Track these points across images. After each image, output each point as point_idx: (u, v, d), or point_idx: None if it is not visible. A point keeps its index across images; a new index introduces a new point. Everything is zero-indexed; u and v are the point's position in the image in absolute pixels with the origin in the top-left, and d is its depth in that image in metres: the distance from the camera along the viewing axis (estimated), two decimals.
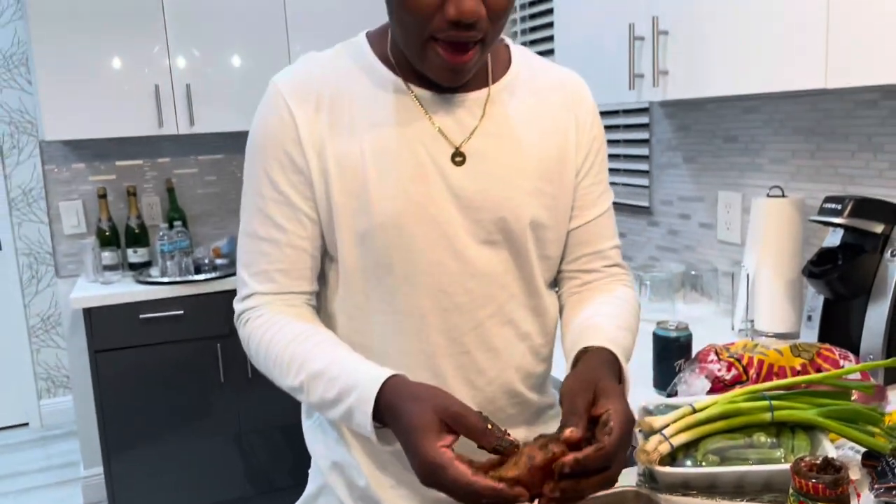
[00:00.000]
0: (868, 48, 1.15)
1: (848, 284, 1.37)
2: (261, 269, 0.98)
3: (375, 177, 0.93)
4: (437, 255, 0.96)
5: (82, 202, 3.06)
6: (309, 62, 0.99)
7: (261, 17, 2.84)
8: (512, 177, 0.97)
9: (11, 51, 3.41)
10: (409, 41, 0.89)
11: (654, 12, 1.61)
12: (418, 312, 0.97)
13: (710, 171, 2.03)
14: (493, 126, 0.97)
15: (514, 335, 1.03)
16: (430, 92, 0.95)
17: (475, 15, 0.83)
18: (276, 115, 0.95)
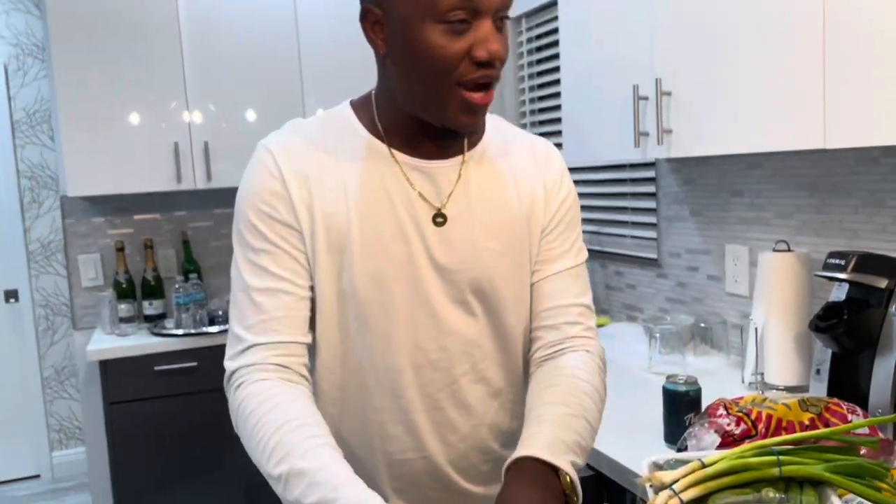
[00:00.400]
0: (865, 109, 1.19)
1: (854, 339, 1.39)
2: (257, 320, 0.96)
3: (358, 236, 0.97)
4: (414, 314, 1.00)
5: (100, 255, 3.12)
6: (296, 128, 1.04)
7: (277, 73, 2.94)
8: (484, 239, 1.02)
9: (35, 108, 3.52)
10: (434, 92, 0.93)
11: (658, 74, 1.66)
12: (395, 368, 1.01)
13: (717, 224, 2.07)
14: (468, 190, 1.02)
15: (486, 392, 1.06)
16: (412, 158, 1.01)
17: (501, 54, 0.91)
18: (266, 173, 0.98)
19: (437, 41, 0.90)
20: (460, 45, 0.90)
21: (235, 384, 0.95)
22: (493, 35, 0.91)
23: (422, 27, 0.90)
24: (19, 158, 3.51)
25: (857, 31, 1.19)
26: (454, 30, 0.89)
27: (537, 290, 1.07)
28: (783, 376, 1.68)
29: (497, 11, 0.91)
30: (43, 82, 3.52)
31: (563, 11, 2.07)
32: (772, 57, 1.36)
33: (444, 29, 0.89)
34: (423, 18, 0.89)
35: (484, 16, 0.90)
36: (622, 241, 2.55)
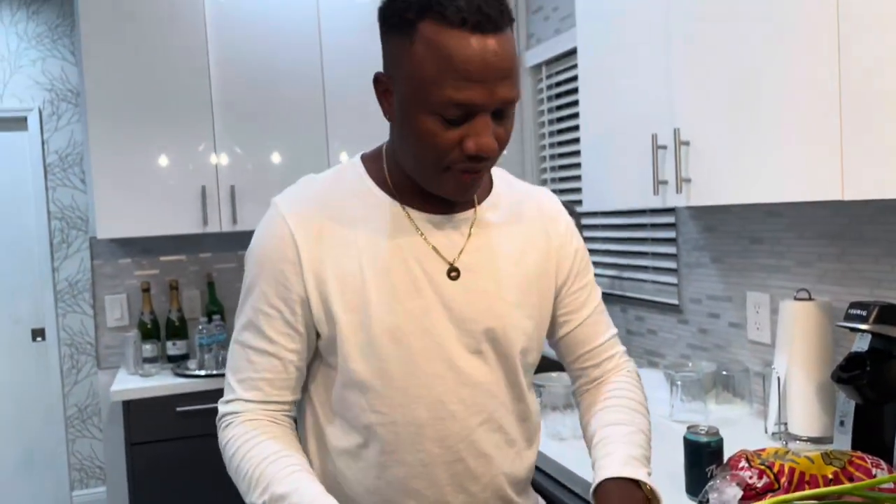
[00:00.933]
0: (881, 162, 1.20)
1: (877, 390, 1.38)
2: (247, 376, 1.02)
3: (374, 293, 0.99)
4: (434, 366, 1.01)
5: (126, 295, 3.17)
6: (309, 185, 1.06)
7: (302, 118, 3.00)
8: (498, 289, 1.05)
9: (67, 151, 3.62)
10: (425, 170, 0.96)
11: (676, 124, 1.69)
12: (416, 423, 1.02)
13: (738, 271, 2.07)
14: (480, 243, 1.05)
15: (503, 441, 1.08)
16: (423, 213, 1.03)
17: (492, 149, 0.93)
18: (278, 235, 1.01)
19: (431, 128, 0.91)
20: (453, 135, 0.92)
21: (223, 425, 1.04)
22: (486, 129, 0.91)
23: (418, 112, 0.92)
24: (51, 200, 3.60)
25: (873, 85, 1.21)
26: (448, 121, 0.91)
27: (572, 338, 1.16)
28: (807, 427, 1.66)
29: (497, 108, 0.92)
30: (76, 126, 3.62)
31: (583, 60, 2.11)
32: (789, 108, 1.38)
33: (438, 119, 0.91)
34: (420, 106, 0.91)
35: (480, 112, 0.91)
36: (643, 286, 2.55)
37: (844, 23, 1.25)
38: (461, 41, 0.87)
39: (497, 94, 0.90)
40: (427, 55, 0.88)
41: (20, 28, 3.53)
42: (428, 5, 0.88)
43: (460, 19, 0.87)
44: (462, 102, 0.89)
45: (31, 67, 3.56)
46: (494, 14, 0.88)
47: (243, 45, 2.91)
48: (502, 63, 0.89)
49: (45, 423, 3.70)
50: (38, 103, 3.57)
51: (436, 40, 0.88)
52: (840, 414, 1.51)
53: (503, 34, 0.90)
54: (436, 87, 0.88)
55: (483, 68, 0.88)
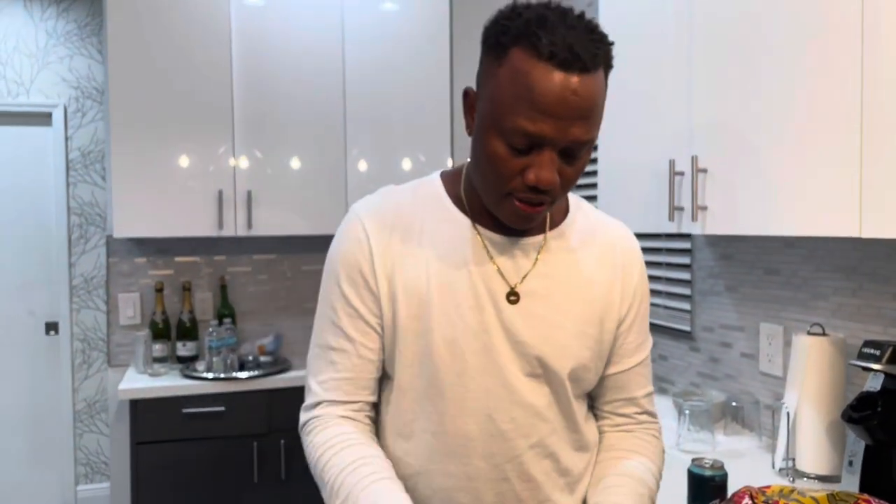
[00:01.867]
0: None
1: (888, 432, 1.35)
2: (329, 377, 1.05)
3: (437, 304, 1.01)
4: (487, 382, 1.02)
5: (140, 294, 3.19)
6: (388, 195, 1.09)
7: (322, 124, 3.02)
8: (558, 318, 1.04)
9: (90, 148, 3.66)
10: (488, 191, 0.98)
11: (694, 151, 1.67)
12: (464, 435, 1.03)
13: (752, 301, 2.04)
14: (546, 269, 1.05)
15: (553, 469, 1.08)
16: (494, 234, 1.04)
17: (551, 184, 0.92)
18: (355, 239, 1.05)
19: (499, 152, 0.93)
20: (518, 163, 0.93)
21: (307, 432, 1.06)
22: (549, 164, 0.91)
23: (490, 133, 0.93)
24: (71, 195, 3.64)
25: (894, 124, 1.19)
26: (515, 149, 0.92)
27: (614, 381, 1.14)
28: (815, 465, 1.63)
29: (567, 147, 0.92)
30: (99, 124, 3.66)
31: None
32: (810, 142, 1.37)
33: (506, 144, 0.92)
34: (492, 127, 0.93)
35: (548, 146, 0.91)
36: (656, 310, 2.53)
37: (869, 59, 1.24)
38: (544, 74, 0.88)
39: (568, 133, 0.90)
40: (510, 80, 0.90)
41: (49, 25, 3.58)
42: (524, 34, 0.89)
43: (549, 53, 0.88)
44: (531, 133, 0.90)
45: (58, 64, 3.61)
46: (585, 55, 0.88)
47: (267, 50, 2.93)
48: (580, 103, 0.89)
49: (53, 417, 3.73)
50: (63, 100, 3.61)
51: (521, 68, 0.89)
52: (849, 453, 1.48)
53: (590, 76, 0.89)
54: (510, 112, 0.90)
55: (558, 104, 0.88)
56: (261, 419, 2.78)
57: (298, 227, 2.99)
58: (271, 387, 2.80)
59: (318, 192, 3.00)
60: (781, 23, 1.43)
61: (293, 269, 3.37)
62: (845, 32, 1.28)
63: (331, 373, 1.05)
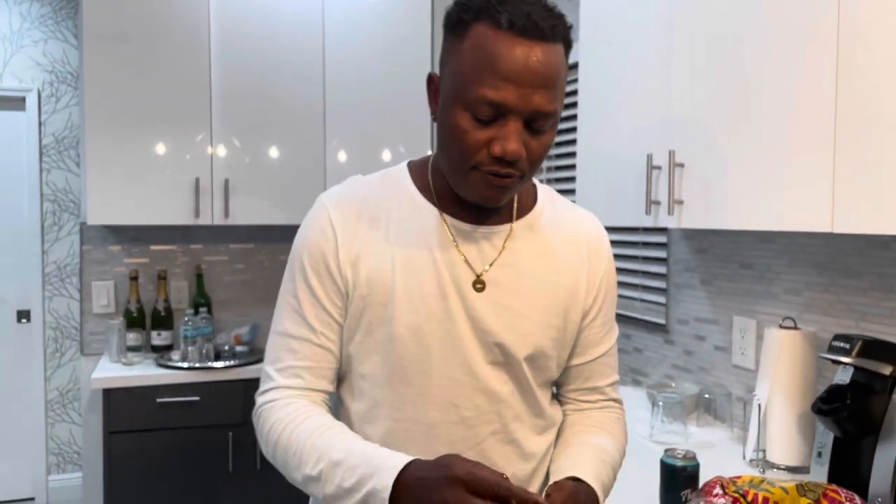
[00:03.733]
0: (872, 198, 1.20)
1: (857, 424, 1.38)
2: (288, 364, 1.04)
3: (402, 291, 1.01)
4: (451, 370, 1.03)
5: (114, 283, 3.16)
6: (355, 185, 1.10)
7: (302, 112, 3.00)
8: (522, 307, 1.04)
9: (64, 134, 3.60)
10: (454, 168, 0.98)
11: (671, 146, 1.69)
12: (427, 422, 1.03)
13: (726, 294, 2.07)
14: (511, 259, 1.05)
15: (516, 454, 1.08)
16: (460, 222, 1.04)
17: (517, 155, 0.93)
18: (321, 229, 1.04)
19: (463, 125, 0.93)
20: (483, 134, 0.93)
21: (262, 414, 1.04)
22: (515, 135, 0.92)
23: (454, 108, 0.94)
24: (44, 182, 3.58)
25: (867, 121, 1.21)
26: (480, 120, 0.93)
27: (580, 371, 1.15)
28: (785, 456, 1.66)
29: (530, 115, 0.92)
30: (74, 109, 3.61)
31: (583, 77, 2.11)
32: (784, 139, 1.38)
33: (471, 116, 0.93)
34: (457, 101, 0.94)
35: (512, 116, 0.92)
36: (631, 303, 2.55)
37: (843, 56, 1.25)
38: (506, 42, 0.90)
39: (532, 101, 0.91)
40: (472, 52, 0.92)
41: (24, 8, 3.52)
42: (484, 9, 0.92)
43: (509, 22, 0.90)
44: (494, 101, 0.90)
45: (32, 48, 3.54)
46: (544, 25, 0.91)
47: (246, 38, 2.91)
48: (541, 70, 0.91)
49: (24, 406, 3.68)
50: (37, 84, 3.55)
51: (483, 40, 0.92)
52: (818, 445, 1.51)
53: (550, 45, 0.92)
54: (474, 82, 0.91)
55: (520, 71, 0.90)
56: (236, 409, 2.77)
57: (276, 217, 2.97)
58: (247, 377, 2.78)
59: (296, 181, 2.98)
60: (758, 20, 1.45)
61: (270, 258, 3.35)
62: (821, 30, 1.30)
63: (290, 360, 1.04)
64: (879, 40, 1.19)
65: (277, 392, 1.04)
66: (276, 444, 1.00)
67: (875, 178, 1.20)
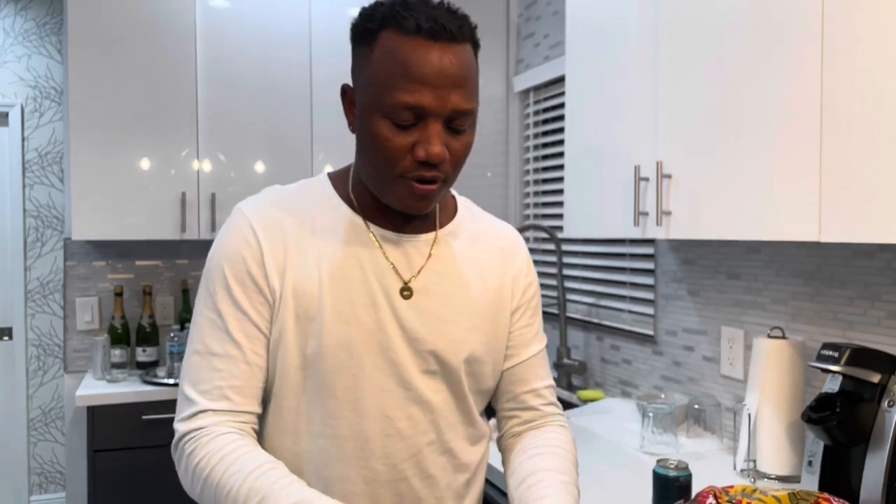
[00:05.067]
0: (859, 206, 1.21)
1: (847, 432, 1.38)
2: (213, 385, 0.97)
3: (330, 302, 0.99)
4: (383, 381, 1.01)
5: (98, 298, 3.12)
6: (274, 194, 1.07)
7: (288, 127, 2.99)
8: (451, 313, 1.05)
9: (47, 149, 3.57)
10: (379, 178, 0.98)
11: (659, 157, 1.70)
12: (361, 437, 1.01)
13: (714, 305, 2.08)
14: (438, 266, 1.06)
15: (451, 465, 1.08)
16: (385, 230, 1.04)
17: (441, 157, 0.94)
18: (242, 237, 1.01)
19: (383, 133, 0.93)
20: (405, 140, 0.93)
21: (189, 447, 0.95)
22: (436, 137, 0.93)
23: (373, 117, 0.94)
24: (27, 197, 3.55)
25: (854, 130, 1.22)
26: (400, 126, 0.93)
27: (513, 374, 1.15)
28: (776, 465, 1.66)
29: (449, 116, 0.93)
30: (58, 125, 3.58)
31: (570, 88, 2.12)
32: (771, 149, 1.40)
33: (390, 123, 0.93)
34: (374, 109, 0.94)
35: (431, 118, 0.93)
36: (619, 315, 2.56)
37: (829, 68, 1.27)
38: (415, 46, 0.91)
39: (449, 102, 0.92)
40: (383, 60, 0.93)
41: (7, 23, 3.50)
42: (389, 16, 0.93)
43: (416, 27, 0.91)
44: (411, 105, 0.91)
45: (15, 63, 3.52)
46: (451, 27, 0.92)
47: (233, 53, 2.90)
48: (454, 70, 0.92)
49: (6, 425, 3.62)
50: (20, 99, 3.53)
51: (393, 46, 0.92)
52: (809, 454, 1.51)
53: (459, 45, 0.93)
54: (389, 89, 0.92)
55: (434, 73, 0.91)
56: None
57: None
58: None
59: None
60: (744, 31, 1.46)
61: None
62: (806, 42, 1.32)
63: (215, 380, 0.96)
64: (864, 49, 1.21)
65: (204, 418, 0.95)
66: (205, 481, 0.92)
67: (862, 186, 1.21)
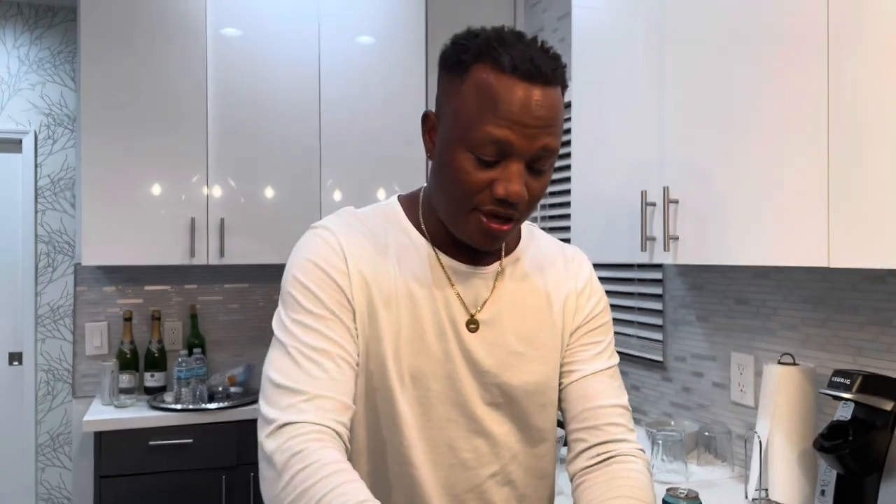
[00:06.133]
0: (867, 232, 1.20)
1: (860, 461, 1.36)
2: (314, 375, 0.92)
3: (406, 328, 0.99)
4: (449, 411, 1.01)
5: (107, 324, 3.13)
6: (350, 214, 1.06)
7: (297, 154, 3.01)
8: (517, 345, 1.03)
9: (60, 175, 3.61)
10: (452, 208, 0.97)
11: (665, 182, 1.70)
12: (426, 465, 1.01)
13: (723, 331, 2.06)
14: (504, 297, 1.05)
15: (512, 496, 1.06)
16: (454, 261, 1.03)
17: (520, 196, 0.93)
18: (331, 246, 0.99)
19: (465, 166, 0.93)
20: (485, 175, 0.92)
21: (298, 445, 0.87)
22: (517, 176, 0.92)
23: (456, 148, 0.93)
24: (39, 223, 3.58)
25: (860, 157, 1.22)
26: (483, 162, 0.92)
27: (574, 390, 1.07)
28: (787, 494, 1.64)
29: (532, 157, 0.93)
30: (70, 151, 3.62)
31: (577, 113, 2.13)
32: (778, 175, 1.39)
33: (474, 158, 0.92)
34: (459, 142, 0.93)
35: (515, 158, 0.92)
36: (628, 340, 2.54)
37: (834, 92, 1.27)
38: (509, 85, 0.90)
39: (535, 144, 0.92)
40: (475, 94, 0.92)
41: (22, 52, 3.55)
42: (485, 50, 0.92)
43: (511, 66, 0.90)
44: (499, 140, 0.90)
45: (30, 91, 3.57)
46: (546, 69, 0.91)
47: (243, 80, 2.93)
48: (544, 114, 0.91)
49: (14, 450, 3.61)
50: (34, 126, 3.57)
51: (485, 82, 0.91)
52: (821, 483, 1.49)
53: (551, 88, 0.92)
54: (477, 123, 0.91)
55: (523, 114, 0.90)
56: (230, 452, 2.72)
57: (271, 256, 2.96)
58: (241, 418, 2.75)
59: (291, 221, 2.98)
60: (748, 55, 1.47)
61: (265, 298, 3.33)
62: (812, 64, 1.32)
63: (316, 372, 0.91)
64: (870, 73, 1.21)
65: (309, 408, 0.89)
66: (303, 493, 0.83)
67: (871, 211, 1.20)
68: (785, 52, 1.38)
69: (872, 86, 1.20)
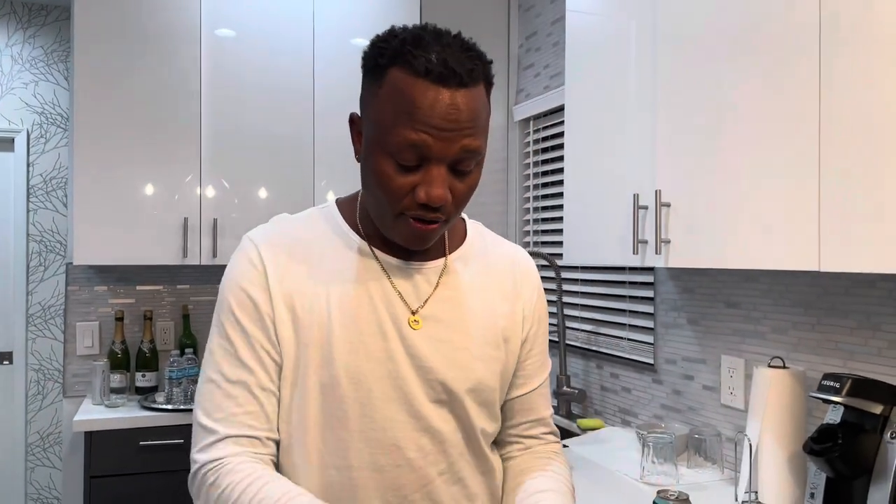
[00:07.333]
0: (858, 236, 1.21)
1: (849, 464, 1.37)
2: (229, 413, 0.97)
3: (339, 331, 0.99)
4: (393, 411, 1.00)
5: (99, 323, 3.12)
6: (282, 222, 1.08)
7: (290, 153, 3.01)
8: (461, 341, 1.04)
9: (52, 174, 3.60)
10: (381, 213, 0.97)
11: (658, 186, 1.71)
12: (372, 467, 1.00)
13: (713, 334, 2.07)
14: (447, 293, 1.05)
15: (462, 495, 1.06)
16: (392, 258, 1.04)
17: (442, 200, 0.93)
18: (250, 265, 1.01)
19: (387, 171, 0.93)
20: (407, 180, 0.93)
21: (211, 477, 0.95)
22: (439, 180, 0.92)
23: (378, 154, 0.94)
24: (31, 222, 3.57)
25: (852, 161, 1.23)
26: (404, 167, 0.92)
27: (521, 403, 1.15)
28: (777, 497, 1.65)
29: (454, 160, 0.93)
30: (63, 150, 3.61)
31: (570, 117, 2.14)
32: (769, 178, 1.40)
33: (394, 163, 0.92)
34: (380, 147, 0.93)
35: (435, 162, 0.92)
36: (619, 343, 2.55)
37: (826, 97, 1.28)
38: (423, 90, 0.90)
39: (452, 147, 0.91)
40: (390, 99, 0.91)
41: (15, 51, 3.54)
42: (399, 54, 0.91)
43: (425, 69, 0.89)
44: (416, 144, 0.90)
45: (23, 90, 3.56)
46: (461, 70, 0.90)
47: (237, 80, 2.93)
48: (461, 116, 0.90)
49: (4, 449, 3.60)
50: (27, 125, 3.56)
51: (400, 86, 0.91)
52: (811, 486, 1.49)
53: (468, 90, 0.91)
54: (394, 128, 0.91)
55: (439, 118, 0.89)
56: None
57: None
58: None
59: None
60: (739, 59, 1.48)
61: None
62: (803, 71, 1.33)
63: (231, 408, 0.96)
64: (862, 77, 1.22)
65: (224, 446, 0.95)
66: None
67: (861, 215, 1.21)
68: (777, 56, 1.39)
69: (864, 90, 1.21)
